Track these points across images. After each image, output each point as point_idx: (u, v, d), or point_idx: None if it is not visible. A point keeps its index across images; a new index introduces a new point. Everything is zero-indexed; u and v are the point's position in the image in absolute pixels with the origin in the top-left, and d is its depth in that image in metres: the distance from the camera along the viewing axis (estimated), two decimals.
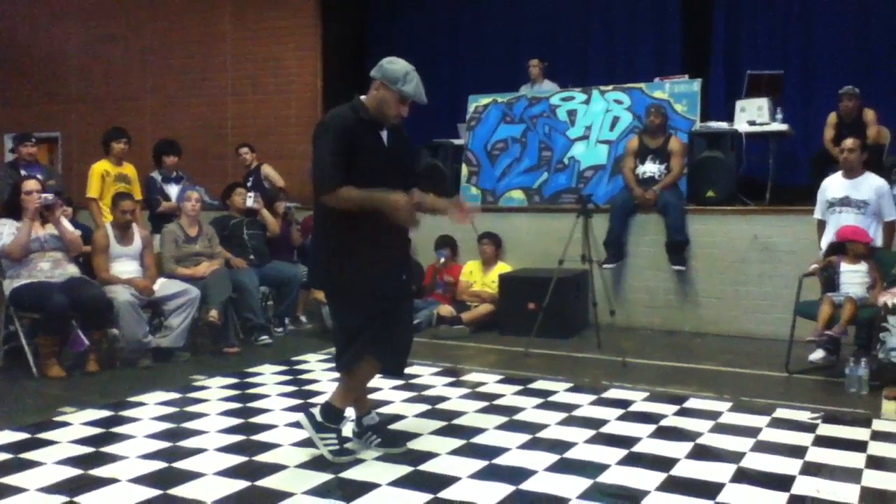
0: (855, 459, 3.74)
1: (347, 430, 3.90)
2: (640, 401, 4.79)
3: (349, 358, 3.69)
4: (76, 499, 3.28)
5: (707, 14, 9.04)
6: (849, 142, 5.78)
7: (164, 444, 3.97)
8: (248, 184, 7.79)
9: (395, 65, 3.56)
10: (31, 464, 3.69)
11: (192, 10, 10.78)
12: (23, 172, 7.00)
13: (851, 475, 3.54)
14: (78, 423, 4.32)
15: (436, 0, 10.58)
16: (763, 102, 7.57)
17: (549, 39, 9.92)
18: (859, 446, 3.93)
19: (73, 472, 3.59)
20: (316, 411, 3.76)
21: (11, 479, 3.48)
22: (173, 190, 7.32)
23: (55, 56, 11.72)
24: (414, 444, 3.93)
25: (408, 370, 4.20)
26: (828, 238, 5.77)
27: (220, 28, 10.64)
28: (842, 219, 5.72)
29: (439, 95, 10.08)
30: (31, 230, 5.47)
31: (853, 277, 5.39)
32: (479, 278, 7.53)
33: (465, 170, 8.77)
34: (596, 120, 8.32)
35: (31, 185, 5.56)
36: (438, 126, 9.22)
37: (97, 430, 4.19)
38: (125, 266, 5.91)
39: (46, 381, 5.26)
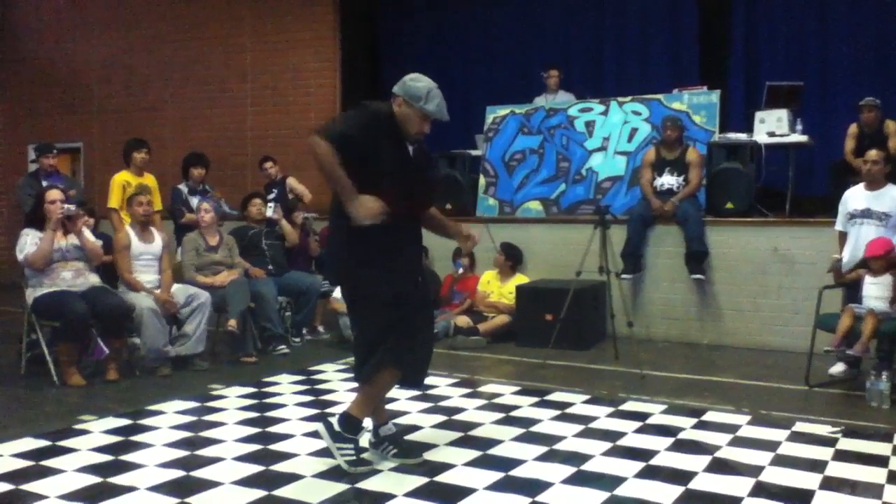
0: (876, 474, 3.70)
1: (364, 440, 3.91)
2: (657, 413, 4.77)
3: (370, 369, 3.70)
4: None
5: (725, 24, 9.02)
6: (873, 153, 5.74)
7: (183, 453, 3.99)
8: (272, 195, 7.83)
9: (419, 83, 3.57)
10: (52, 471, 3.72)
11: (213, 21, 10.90)
12: (44, 183, 7.10)
13: (872, 490, 3.50)
14: (97, 431, 4.36)
15: (450, 10, 10.62)
16: (782, 113, 7.54)
17: (564, 49, 9.92)
18: (880, 461, 3.89)
19: (93, 479, 3.62)
20: (334, 421, 3.78)
21: (32, 486, 3.52)
22: (197, 202, 7.38)
23: (78, 67, 11.88)
24: (430, 455, 3.93)
25: (424, 381, 4.20)
26: (849, 249, 5.72)
27: (239, 39, 10.75)
28: (862, 231, 5.67)
29: (453, 106, 10.01)
30: (54, 240, 5.54)
31: (875, 290, 5.33)
32: (497, 288, 7.53)
33: (482, 181, 8.79)
34: (614, 131, 8.32)
35: (54, 194, 5.62)
36: (451, 136, 9.23)
37: (116, 439, 4.23)
38: (147, 274, 5.94)
39: (67, 390, 5.32)
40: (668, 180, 7.36)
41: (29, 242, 5.52)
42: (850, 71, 8.38)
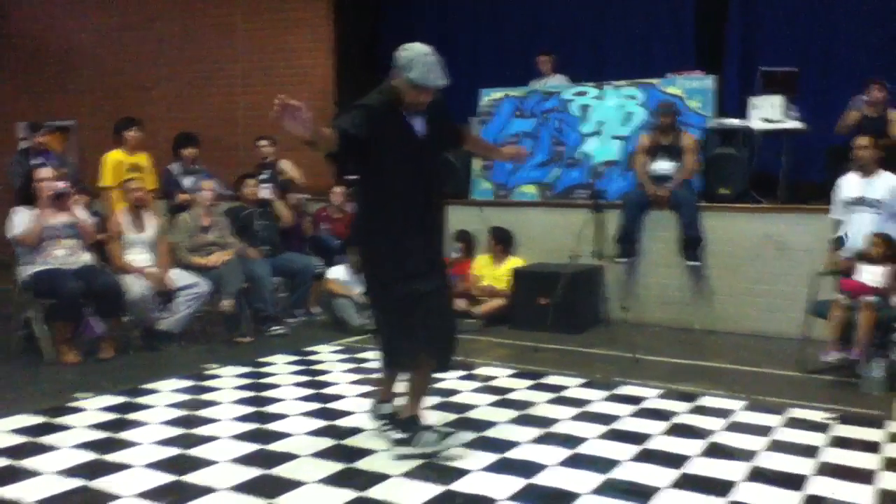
0: (869, 461, 3.73)
1: (368, 419, 3.91)
2: (652, 397, 4.78)
3: (406, 357, 3.66)
4: (91, 483, 3.31)
5: (722, 9, 8.98)
6: (862, 139, 5.76)
7: (178, 431, 4.00)
8: (263, 176, 7.76)
9: (405, 51, 3.52)
10: (48, 448, 3.72)
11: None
12: (32, 161, 7.04)
13: (865, 476, 3.53)
14: (93, 408, 4.35)
15: None
16: (777, 100, 7.50)
17: (563, 33, 9.85)
18: (873, 447, 3.92)
19: (89, 456, 3.62)
20: (396, 434, 3.74)
21: (28, 463, 3.53)
22: (189, 182, 7.32)
23: (70, 45, 11.74)
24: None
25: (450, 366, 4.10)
26: (850, 237, 5.69)
27: (232, 18, 10.63)
28: (855, 218, 5.69)
29: (453, 88, 10.04)
30: (45, 218, 5.50)
31: (866, 275, 5.31)
32: (489, 272, 7.52)
33: (476, 164, 8.76)
34: (609, 115, 8.29)
35: (42, 173, 5.60)
36: (454, 119, 9.18)
37: (112, 416, 4.23)
38: (139, 255, 5.95)
39: (61, 367, 5.31)
40: (662, 165, 7.34)
41: (18, 221, 5.49)
42: (849, 57, 8.34)
